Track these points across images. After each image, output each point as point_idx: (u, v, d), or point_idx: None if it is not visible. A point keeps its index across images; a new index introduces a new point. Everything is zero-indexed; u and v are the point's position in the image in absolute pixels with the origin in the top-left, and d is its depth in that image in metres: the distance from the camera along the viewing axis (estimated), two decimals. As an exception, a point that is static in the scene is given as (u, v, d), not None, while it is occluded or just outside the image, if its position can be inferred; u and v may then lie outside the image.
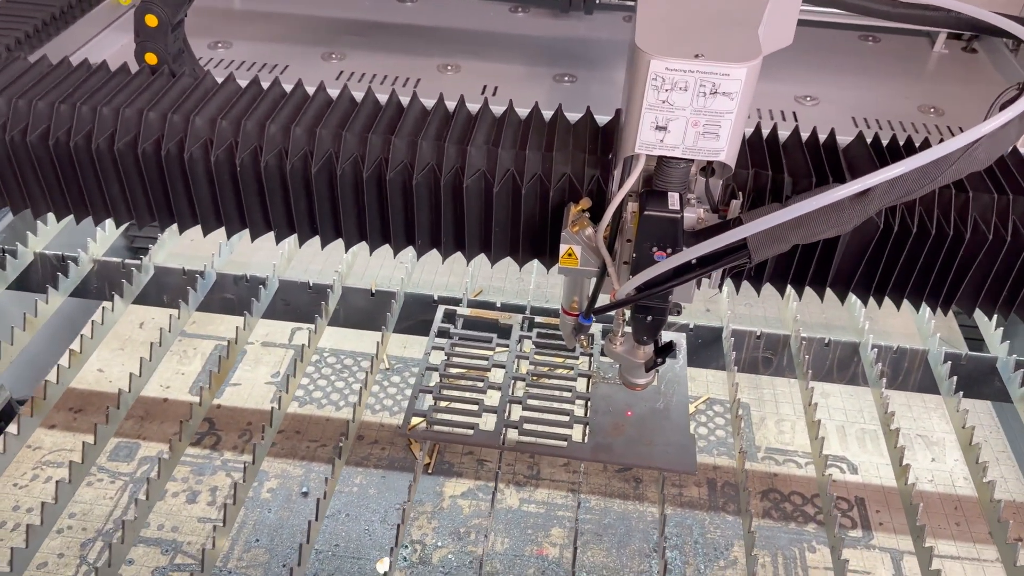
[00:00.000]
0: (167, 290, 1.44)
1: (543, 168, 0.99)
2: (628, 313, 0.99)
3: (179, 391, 1.69)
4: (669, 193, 0.85)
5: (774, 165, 0.98)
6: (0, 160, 1.09)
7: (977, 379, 1.39)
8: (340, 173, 1.01)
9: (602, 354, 1.26)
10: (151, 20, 1.32)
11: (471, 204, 1.02)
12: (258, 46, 2.00)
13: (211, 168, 1.03)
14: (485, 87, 1.36)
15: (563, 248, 0.94)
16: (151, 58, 1.26)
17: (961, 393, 1.25)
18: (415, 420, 1.16)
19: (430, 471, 1.56)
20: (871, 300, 1.06)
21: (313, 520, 1.02)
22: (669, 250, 0.85)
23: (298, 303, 1.43)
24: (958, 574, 1.45)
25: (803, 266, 1.04)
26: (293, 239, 1.51)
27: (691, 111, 0.82)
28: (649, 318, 0.94)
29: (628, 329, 1.03)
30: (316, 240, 1.12)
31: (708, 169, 0.86)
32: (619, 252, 0.90)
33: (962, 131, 0.81)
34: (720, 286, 1.07)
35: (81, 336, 1.23)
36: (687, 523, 1.50)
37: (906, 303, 1.06)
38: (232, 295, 1.43)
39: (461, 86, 1.18)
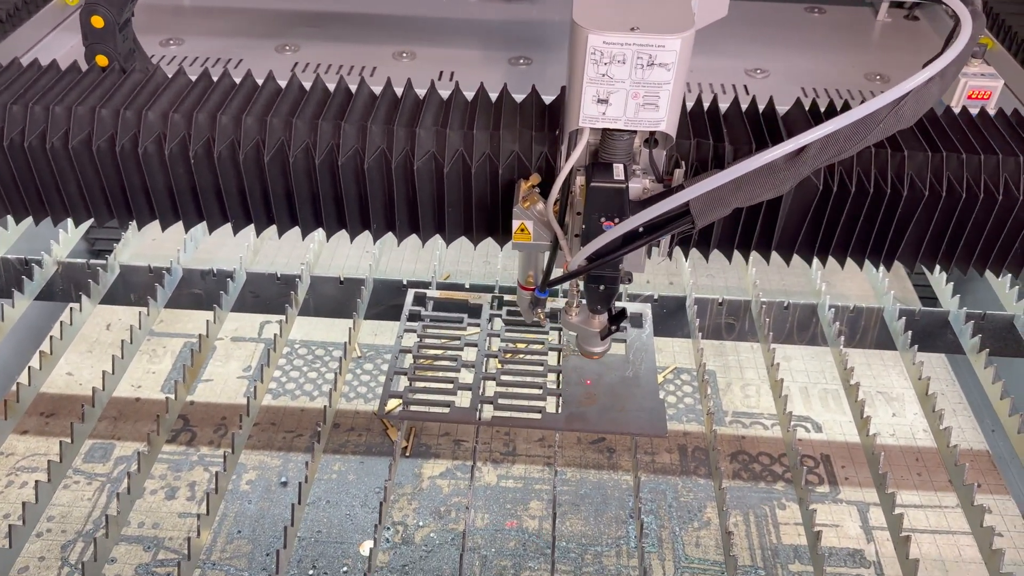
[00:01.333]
0: (134, 289, 1.43)
1: (491, 147, 1.02)
2: (582, 284, 1.02)
3: (151, 390, 1.68)
4: (614, 165, 0.89)
5: (715, 135, 1.02)
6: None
7: (931, 333, 1.44)
8: (292, 161, 1.02)
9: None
10: (97, 21, 1.32)
11: (423, 186, 1.04)
12: (210, 41, 1.99)
13: (166, 162, 1.04)
14: (441, 73, 1.37)
15: (515, 224, 0.97)
16: (102, 60, 1.26)
17: (916, 347, 1.30)
18: (392, 402, 1.18)
19: (408, 454, 1.58)
20: (828, 262, 1.11)
21: (296, 503, 1.04)
22: (616, 219, 0.88)
23: (267, 295, 1.44)
24: (921, 521, 1.51)
25: (748, 230, 1.08)
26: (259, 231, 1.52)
27: (630, 83, 0.85)
28: (602, 287, 0.98)
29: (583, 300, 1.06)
30: (287, 233, 1.13)
31: (651, 140, 0.90)
32: (570, 225, 0.94)
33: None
34: (669, 254, 1.11)
35: (51, 338, 1.23)
36: (660, 488, 1.54)
37: (859, 263, 1.11)
38: (200, 290, 1.43)
39: (416, 73, 1.20)
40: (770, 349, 1.29)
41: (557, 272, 0.99)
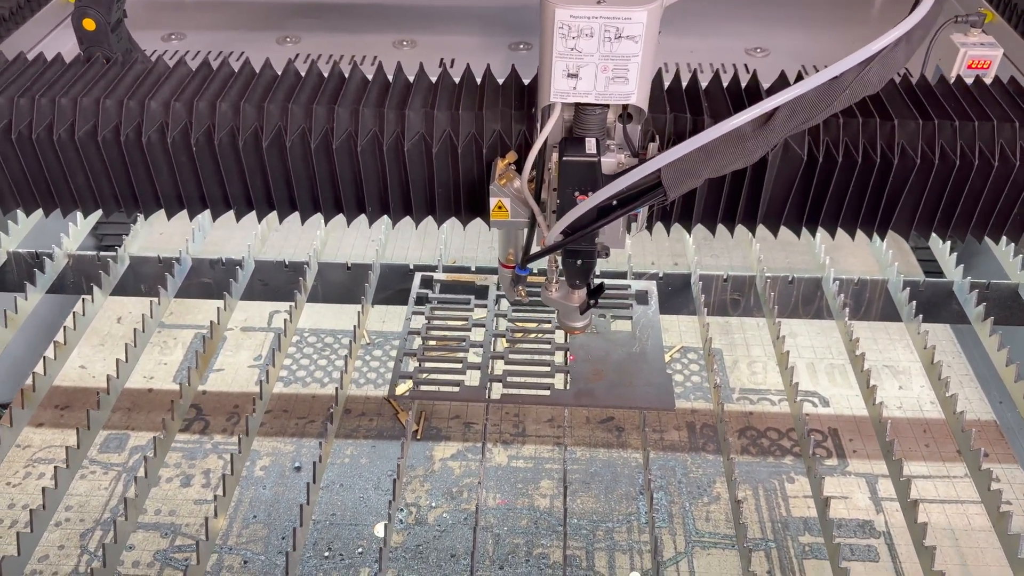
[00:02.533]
0: (144, 280, 1.45)
1: (476, 127, 1.03)
2: (560, 260, 1.03)
3: (163, 381, 1.70)
4: (586, 139, 0.90)
5: (693, 109, 1.03)
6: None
7: (936, 304, 1.45)
8: (289, 146, 1.04)
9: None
10: (89, 24, 1.33)
11: (413, 167, 1.06)
12: (212, 35, 2.00)
13: (168, 150, 1.05)
14: (441, 60, 1.38)
15: (492, 201, 0.99)
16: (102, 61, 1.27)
17: (921, 317, 1.31)
18: (402, 384, 1.19)
19: (419, 437, 1.59)
20: (831, 236, 1.12)
21: (311, 482, 1.05)
22: (590, 193, 0.89)
23: (276, 282, 1.45)
24: (930, 492, 1.52)
25: (732, 203, 1.09)
26: (267, 220, 1.54)
27: (599, 57, 0.86)
28: (579, 262, 0.99)
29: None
30: (295, 223, 1.15)
31: (625, 115, 0.91)
32: (548, 202, 0.95)
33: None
34: (649, 228, 1.12)
35: (64, 328, 1.24)
36: (670, 465, 1.55)
37: (851, 234, 1.11)
38: (209, 279, 1.44)
39: (417, 61, 1.22)
40: (775, 323, 1.30)
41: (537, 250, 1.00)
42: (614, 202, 0.92)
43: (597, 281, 1.07)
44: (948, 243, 1.46)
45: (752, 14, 2.03)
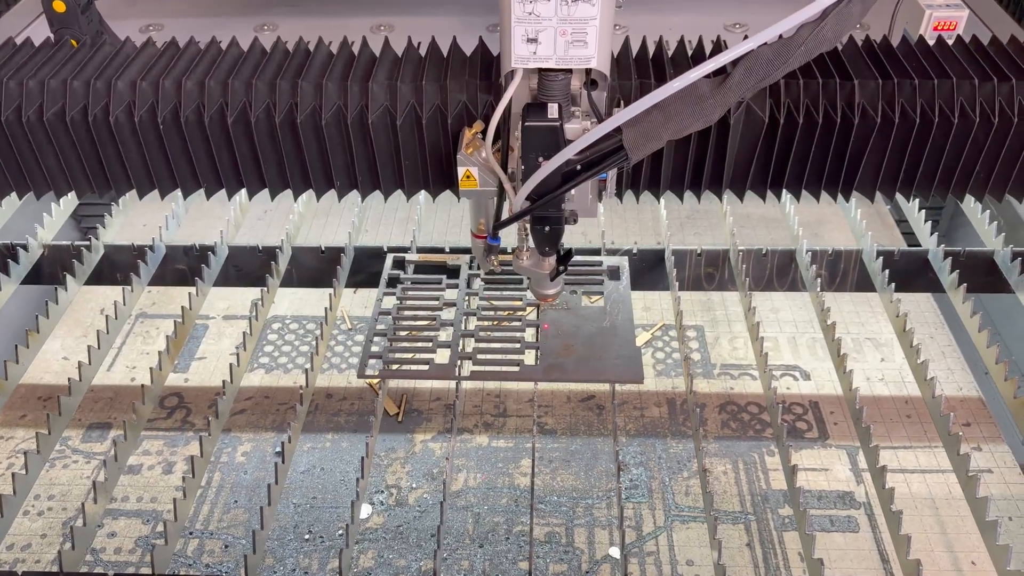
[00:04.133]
0: (120, 268, 1.45)
1: (441, 98, 1.03)
2: (529, 228, 1.04)
3: (145, 372, 1.70)
4: (549, 104, 0.90)
5: (658, 76, 1.03)
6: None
7: (911, 272, 1.44)
8: (255, 121, 1.04)
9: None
10: (59, 6, 1.34)
11: (379, 140, 1.06)
12: (190, 24, 1.99)
13: (136, 129, 1.06)
14: (420, 43, 1.39)
15: (460, 171, 0.99)
16: (73, 44, 1.28)
17: (893, 285, 1.31)
18: (371, 362, 1.19)
19: (400, 420, 1.60)
20: (806, 212, 1.11)
21: (279, 463, 1.06)
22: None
23: (249, 267, 1.46)
24: (911, 461, 1.52)
25: (698, 169, 1.09)
26: (240, 206, 1.53)
27: (557, 20, 0.86)
28: (547, 228, 0.99)
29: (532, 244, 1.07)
30: (269, 209, 1.15)
31: (589, 82, 0.91)
32: (516, 172, 0.95)
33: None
34: (620, 196, 1.12)
35: (36, 317, 1.25)
36: (649, 441, 1.55)
37: (815, 195, 1.11)
38: (184, 266, 1.45)
39: (395, 44, 1.22)
40: (747, 295, 1.30)
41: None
42: (578, 167, 0.92)
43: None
44: (923, 212, 1.46)
45: (733, -13, 2.02)
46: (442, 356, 1.20)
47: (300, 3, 2.13)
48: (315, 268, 1.46)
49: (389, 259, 1.37)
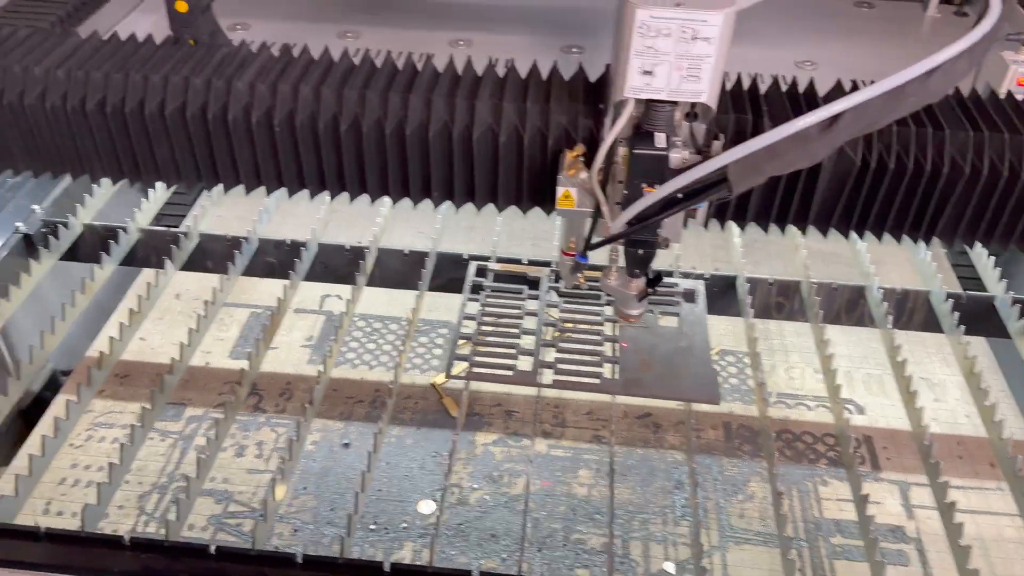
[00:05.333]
0: (211, 257, 1.52)
1: (542, 120, 1.09)
2: (620, 250, 1.09)
3: (219, 357, 1.77)
4: (656, 133, 0.95)
5: (755, 111, 1.08)
6: (61, 128, 1.17)
7: (977, 317, 1.48)
8: (365, 131, 1.10)
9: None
10: (181, 6, 1.41)
11: (480, 155, 1.12)
12: (276, 26, 2.08)
13: (252, 130, 1.13)
14: (496, 60, 1.45)
15: (560, 191, 1.05)
16: (190, 43, 1.35)
17: (963, 328, 1.34)
18: (457, 365, 1.24)
19: (462, 422, 1.64)
20: (874, 244, 1.16)
21: (365, 471, 1.11)
22: (656, 185, 0.95)
23: (336, 265, 1.52)
24: (961, 502, 1.54)
25: (785, 204, 1.13)
26: (327, 207, 1.59)
27: (674, 56, 0.92)
28: (640, 251, 1.04)
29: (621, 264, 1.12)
30: (353, 210, 1.22)
31: (692, 114, 0.96)
32: (611, 194, 1.00)
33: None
34: (705, 224, 1.17)
35: (139, 298, 1.31)
36: (706, 463, 1.59)
37: (897, 238, 1.15)
38: (273, 259, 1.51)
39: (473, 59, 1.30)
40: (820, 327, 1.34)
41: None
42: (679, 195, 0.97)
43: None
44: (991, 258, 1.49)
45: (801, 27, 2.07)
46: (523, 363, 1.25)
47: (381, 12, 2.20)
48: (398, 271, 1.52)
49: (472, 266, 1.43)
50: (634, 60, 0.95)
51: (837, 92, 1.12)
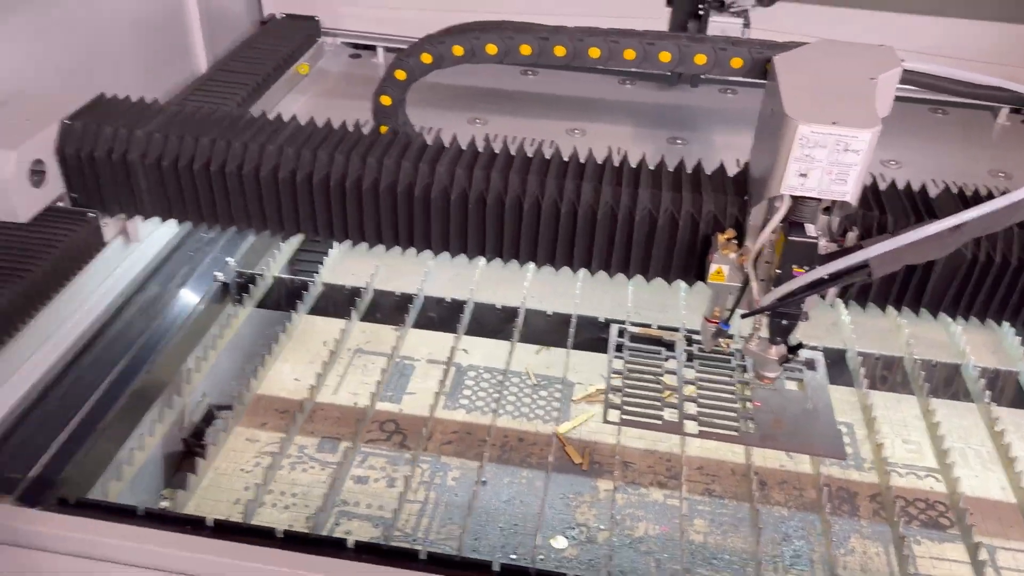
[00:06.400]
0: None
1: (694, 206, 1.32)
2: (764, 320, 1.29)
3: (364, 398, 1.98)
4: (805, 224, 1.17)
5: (878, 207, 1.31)
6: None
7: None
8: (543, 210, 1.37)
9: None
10: (385, 100, 1.69)
11: (639, 235, 1.36)
12: (414, 111, 2.39)
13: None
14: (609, 148, 1.71)
15: (713, 267, 1.27)
16: (383, 129, 1.64)
17: (1051, 406, 1.52)
18: (612, 412, 1.44)
19: (584, 468, 1.83)
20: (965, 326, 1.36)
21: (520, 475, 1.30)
22: (806, 268, 1.16)
23: (490, 323, 1.73)
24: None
25: (903, 289, 1.34)
26: (480, 270, 1.82)
27: (827, 163, 1.14)
28: (784, 322, 1.24)
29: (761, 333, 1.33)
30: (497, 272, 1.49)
31: (830, 208, 1.18)
32: (757, 272, 1.22)
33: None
34: (834, 303, 1.40)
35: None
36: (809, 519, 1.75)
37: (998, 322, 1.36)
38: (434, 314, 1.73)
39: (587, 146, 1.57)
40: (925, 399, 1.51)
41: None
42: (825, 276, 1.18)
43: (795, 339, 1.32)
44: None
45: (885, 129, 2.30)
46: (668, 415, 1.44)
47: (504, 103, 2.47)
48: (543, 329, 1.73)
49: (614, 328, 1.64)
50: (792, 164, 1.17)
51: (946, 194, 1.35)
